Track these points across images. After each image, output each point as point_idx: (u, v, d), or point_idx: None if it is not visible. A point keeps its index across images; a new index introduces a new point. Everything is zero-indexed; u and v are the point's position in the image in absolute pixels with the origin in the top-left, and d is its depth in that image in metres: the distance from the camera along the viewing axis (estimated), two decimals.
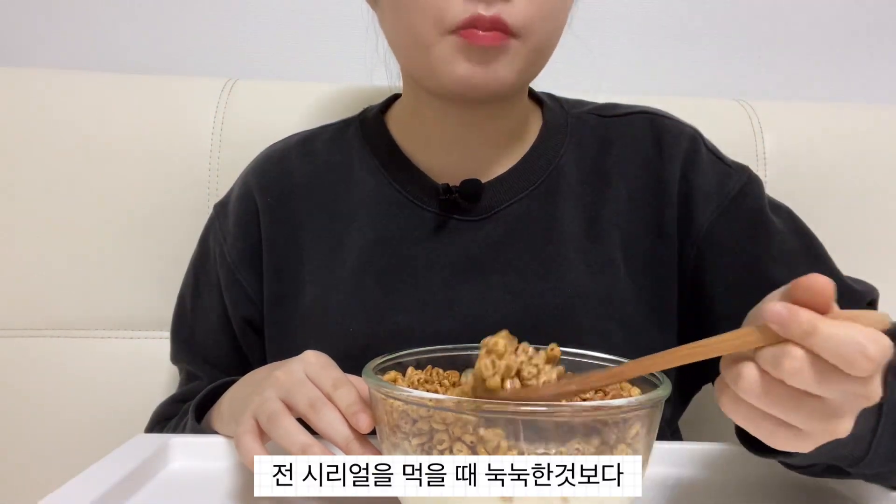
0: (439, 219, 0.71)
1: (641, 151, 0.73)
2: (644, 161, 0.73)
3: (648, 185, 0.72)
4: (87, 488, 0.50)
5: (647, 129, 0.74)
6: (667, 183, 0.71)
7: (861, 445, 0.49)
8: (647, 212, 0.71)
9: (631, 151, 0.74)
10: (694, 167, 0.71)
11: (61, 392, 0.92)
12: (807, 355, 0.38)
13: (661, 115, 0.76)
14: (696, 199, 0.70)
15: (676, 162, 0.72)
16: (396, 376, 0.52)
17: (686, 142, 0.73)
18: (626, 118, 0.76)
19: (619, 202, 0.71)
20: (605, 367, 0.53)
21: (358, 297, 0.69)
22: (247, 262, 0.75)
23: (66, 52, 1.11)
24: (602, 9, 1.12)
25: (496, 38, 0.61)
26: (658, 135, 0.74)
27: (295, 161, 0.78)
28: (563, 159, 0.73)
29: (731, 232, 0.69)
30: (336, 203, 0.74)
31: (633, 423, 0.44)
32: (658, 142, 0.73)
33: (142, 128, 0.95)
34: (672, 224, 0.71)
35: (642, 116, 0.76)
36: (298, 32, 1.13)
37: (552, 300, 0.67)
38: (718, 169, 0.72)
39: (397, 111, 0.78)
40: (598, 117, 0.77)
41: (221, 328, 0.77)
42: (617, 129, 0.75)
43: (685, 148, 0.72)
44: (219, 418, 0.67)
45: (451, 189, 0.70)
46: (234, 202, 0.78)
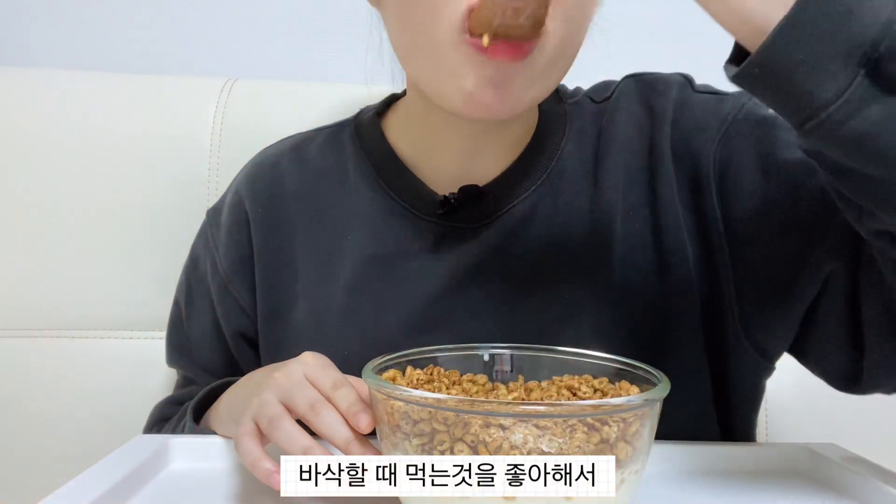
0: (437, 229, 0.69)
1: (633, 118, 0.69)
2: (637, 127, 0.69)
3: (642, 151, 0.68)
4: (87, 489, 0.50)
5: (634, 93, 0.71)
6: (658, 141, 0.67)
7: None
8: (642, 179, 0.67)
9: (624, 122, 0.69)
10: (684, 112, 0.67)
11: (61, 392, 0.92)
12: None
13: (645, 74, 0.73)
14: (693, 141, 0.66)
15: (667, 115, 0.68)
16: (396, 375, 0.52)
17: (675, 90, 0.69)
18: (614, 94, 0.72)
19: (615, 180, 0.67)
20: (607, 368, 0.53)
21: (352, 318, 0.68)
22: (239, 273, 0.73)
23: (66, 52, 1.11)
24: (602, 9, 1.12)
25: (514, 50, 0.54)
26: (645, 95, 0.70)
27: (287, 167, 0.75)
28: (564, 153, 0.70)
29: (743, 146, 0.64)
30: (329, 212, 0.72)
31: (632, 422, 0.44)
32: (647, 101, 0.69)
33: (142, 128, 0.95)
34: (667, 182, 0.66)
35: (626, 82, 0.72)
36: (298, 32, 1.13)
37: (552, 306, 0.65)
38: (711, 102, 0.67)
39: (398, 114, 0.74)
40: (592, 102, 0.73)
41: (215, 336, 0.76)
42: (611, 110, 0.71)
43: (674, 98, 0.68)
44: (217, 419, 0.66)
45: (450, 199, 0.68)
46: (226, 211, 0.76)
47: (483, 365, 0.57)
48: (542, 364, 0.56)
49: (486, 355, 0.57)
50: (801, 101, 0.42)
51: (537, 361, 0.56)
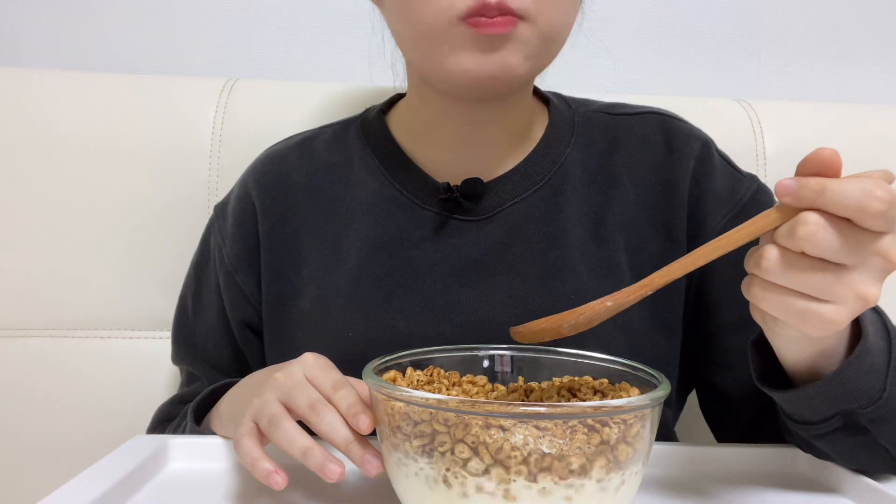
0: (440, 219, 0.70)
1: (651, 152, 0.72)
2: (653, 162, 0.72)
3: (657, 187, 0.71)
4: (87, 488, 0.50)
5: (658, 130, 0.74)
6: (676, 185, 0.70)
7: (878, 378, 0.52)
8: (655, 214, 0.70)
9: (640, 152, 0.73)
10: (705, 171, 0.71)
11: (61, 392, 0.92)
12: (820, 218, 0.41)
13: (673, 116, 0.76)
14: (707, 204, 0.70)
15: (687, 165, 0.71)
16: (396, 376, 0.52)
17: (698, 146, 0.72)
18: (636, 117, 0.75)
19: (625, 203, 0.71)
20: (607, 369, 0.54)
21: (357, 302, 0.69)
22: (245, 263, 0.75)
23: (66, 52, 1.11)
24: (601, 9, 1.12)
25: (503, 24, 0.59)
26: (669, 136, 0.73)
27: (294, 162, 0.77)
28: (569, 159, 0.72)
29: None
30: (335, 204, 0.74)
31: (633, 423, 0.44)
32: (669, 143, 0.72)
33: (142, 128, 0.95)
34: (681, 228, 0.70)
35: (654, 117, 0.75)
36: (298, 32, 1.13)
37: (555, 305, 0.65)
38: (730, 175, 0.72)
39: (400, 110, 0.77)
40: (607, 115, 0.76)
41: (222, 330, 0.77)
42: (627, 129, 0.74)
43: (697, 152, 0.72)
44: (218, 420, 0.66)
45: (453, 188, 0.70)
46: (233, 204, 0.78)
47: (483, 366, 0.57)
48: (542, 365, 0.56)
49: (485, 360, 0.57)
50: (796, 415, 0.57)
51: (537, 362, 0.56)
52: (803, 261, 0.42)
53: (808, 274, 0.43)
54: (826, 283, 0.42)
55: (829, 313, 0.43)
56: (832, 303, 0.43)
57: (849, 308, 0.43)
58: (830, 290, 0.43)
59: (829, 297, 0.43)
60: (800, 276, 0.43)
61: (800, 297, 0.44)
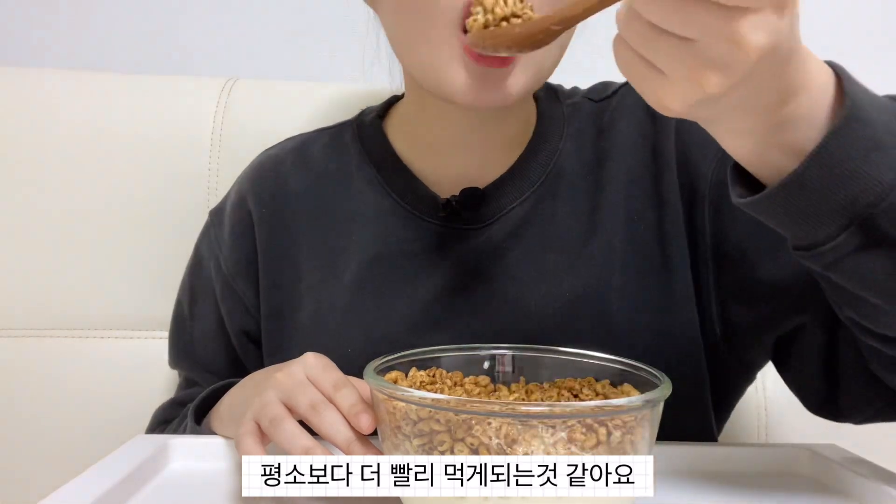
0: (438, 230, 0.69)
1: (636, 123, 0.70)
2: (640, 133, 0.69)
3: (647, 156, 0.68)
4: (87, 489, 0.50)
5: (639, 100, 0.69)
6: (663, 148, 0.68)
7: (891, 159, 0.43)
8: (648, 183, 0.68)
9: (626, 126, 0.70)
10: (686, 123, 0.67)
11: (61, 392, 0.92)
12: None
13: None
14: (693, 152, 0.66)
15: (669, 123, 0.68)
16: (398, 376, 0.52)
17: None
18: (617, 95, 0.73)
19: (619, 183, 0.68)
20: (608, 369, 0.53)
21: (355, 318, 0.68)
22: (243, 272, 0.74)
23: (66, 52, 1.11)
24: None
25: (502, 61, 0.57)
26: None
27: (290, 169, 0.76)
28: (563, 154, 0.70)
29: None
30: (333, 213, 0.73)
31: (633, 423, 0.44)
32: (650, 110, 0.69)
33: (142, 127, 0.95)
34: (673, 189, 0.67)
35: (629, 87, 0.70)
36: (298, 32, 1.13)
37: (552, 306, 0.66)
38: None
39: (398, 115, 0.76)
40: (590, 102, 0.74)
41: (219, 336, 0.76)
42: (611, 110, 0.72)
43: None
44: (218, 420, 0.66)
45: (452, 202, 0.68)
46: (229, 211, 0.76)
47: (485, 367, 0.56)
48: (543, 365, 0.56)
49: (486, 362, 0.56)
50: (797, 237, 0.47)
51: (539, 362, 0.56)
52: (642, 24, 0.37)
53: (644, 39, 0.37)
54: (661, 56, 0.37)
55: (658, 87, 0.38)
56: (666, 77, 0.38)
57: (679, 88, 0.38)
58: (663, 60, 0.37)
59: (663, 67, 0.38)
60: (637, 39, 0.38)
61: (641, 60, 0.39)
